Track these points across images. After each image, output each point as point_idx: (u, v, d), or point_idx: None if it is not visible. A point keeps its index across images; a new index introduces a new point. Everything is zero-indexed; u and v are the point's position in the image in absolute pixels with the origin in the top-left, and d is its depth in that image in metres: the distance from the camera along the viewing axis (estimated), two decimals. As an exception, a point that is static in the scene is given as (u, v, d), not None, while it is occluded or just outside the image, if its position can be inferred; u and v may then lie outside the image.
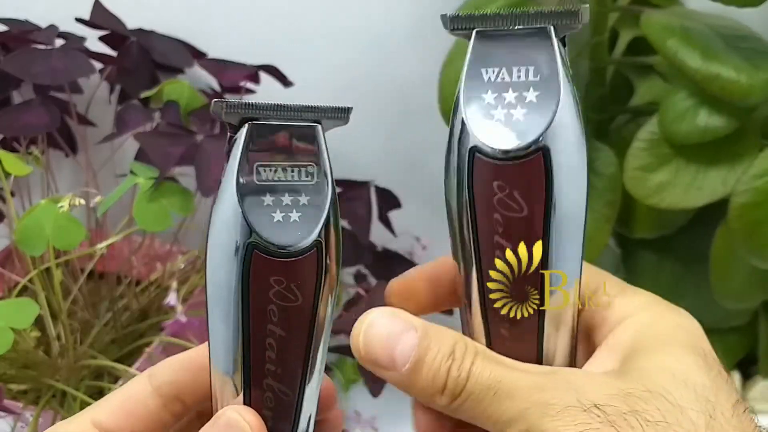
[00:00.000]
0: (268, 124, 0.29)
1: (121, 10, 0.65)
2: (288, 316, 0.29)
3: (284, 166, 0.29)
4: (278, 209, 0.29)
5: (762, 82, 0.51)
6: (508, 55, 0.29)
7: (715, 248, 0.57)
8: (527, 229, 0.29)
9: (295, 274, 0.29)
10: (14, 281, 0.59)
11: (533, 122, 0.28)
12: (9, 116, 0.61)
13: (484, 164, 0.29)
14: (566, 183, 0.29)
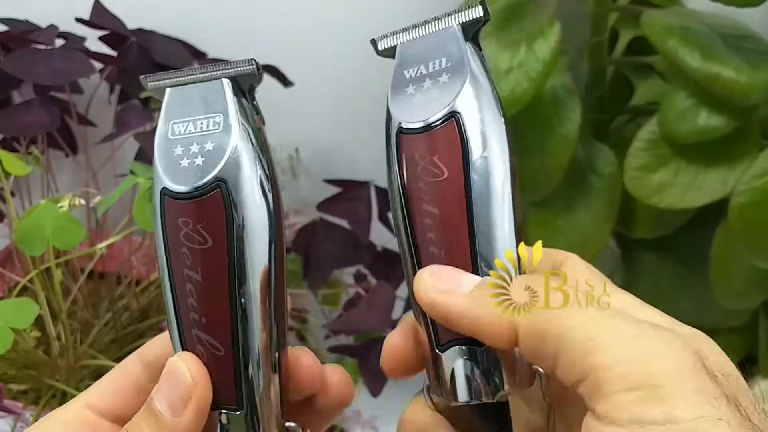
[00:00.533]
0: (181, 87, 0.32)
1: (121, 10, 0.65)
2: (201, 259, 0.30)
3: (194, 121, 0.31)
4: (186, 157, 0.30)
5: (762, 82, 0.51)
6: (425, 56, 0.32)
7: (715, 248, 0.57)
8: (450, 192, 0.31)
9: (199, 216, 0.30)
10: (14, 281, 0.59)
11: (446, 95, 0.31)
12: (9, 116, 0.61)
13: (408, 140, 0.31)
14: (483, 142, 0.31)
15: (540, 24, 0.53)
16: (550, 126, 0.55)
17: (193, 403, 0.30)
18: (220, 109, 0.31)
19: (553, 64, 0.53)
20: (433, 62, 0.32)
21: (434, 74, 0.32)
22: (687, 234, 0.60)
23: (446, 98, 0.31)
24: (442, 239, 0.31)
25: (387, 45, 0.34)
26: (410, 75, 0.32)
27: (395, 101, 0.32)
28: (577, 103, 0.55)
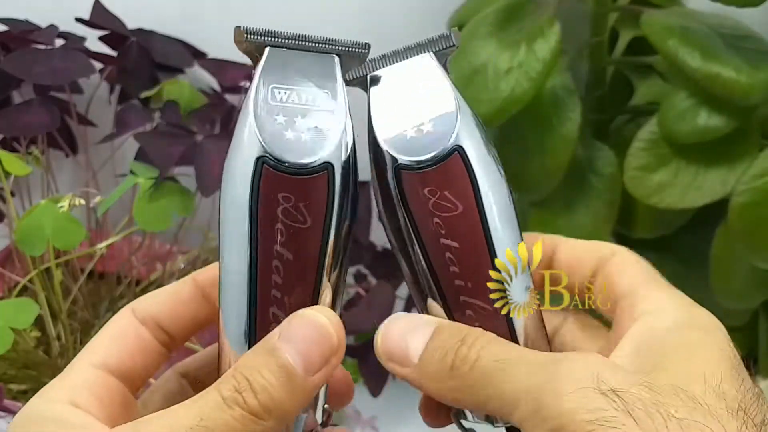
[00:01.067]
0: (287, 51, 0.31)
1: (121, 10, 0.65)
2: (296, 238, 0.29)
3: (299, 91, 0.30)
4: (290, 129, 0.29)
5: (762, 82, 0.51)
6: (403, 86, 0.32)
7: (715, 248, 0.57)
8: (468, 225, 0.31)
9: (303, 193, 0.29)
10: (14, 281, 0.59)
11: (443, 129, 0.31)
12: (9, 116, 0.61)
13: (411, 177, 0.31)
14: (486, 172, 0.31)
15: (540, 24, 0.54)
16: (550, 126, 0.56)
17: (330, 365, 0.28)
18: (328, 87, 0.30)
19: (553, 64, 0.53)
20: (414, 93, 0.32)
21: (420, 105, 0.31)
22: (687, 234, 0.60)
23: (443, 132, 0.31)
24: (467, 271, 0.31)
25: (357, 76, 0.32)
26: (393, 106, 0.31)
27: (385, 134, 0.31)
28: (577, 103, 0.55)
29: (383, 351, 0.31)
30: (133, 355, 0.32)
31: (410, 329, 0.31)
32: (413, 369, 0.30)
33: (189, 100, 0.62)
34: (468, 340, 0.29)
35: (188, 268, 0.66)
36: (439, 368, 0.29)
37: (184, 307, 0.33)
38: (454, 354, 0.29)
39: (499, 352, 0.29)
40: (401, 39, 0.33)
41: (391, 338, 0.31)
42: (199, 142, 0.57)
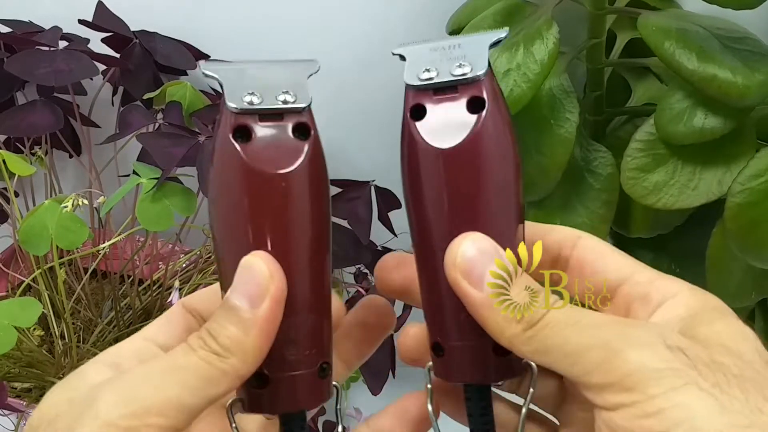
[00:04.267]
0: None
1: (124, 12, 0.65)
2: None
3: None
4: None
5: (758, 83, 0.52)
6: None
7: (711, 248, 0.57)
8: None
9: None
10: (18, 280, 0.60)
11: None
12: (13, 117, 0.61)
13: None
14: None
15: (538, 26, 0.54)
16: (548, 127, 0.56)
17: (270, 296, 0.30)
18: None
19: (550, 66, 0.53)
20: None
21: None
22: (683, 234, 0.61)
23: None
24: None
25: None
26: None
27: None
28: (574, 104, 0.56)
29: (461, 264, 0.31)
30: (181, 336, 0.33)
31: (489, 253, 0.31)
32: (484, 296, 0.30)
33: (191, 102, 0.63)
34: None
35: (190, 267, 0.66)
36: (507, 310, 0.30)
37: None
38: (528, 299, 0.30)
39: (571, 309, 0.30)
40: (399, 39, 0.34)
41: (471, 255, 0.31)
42: (202, 143, 0.58)
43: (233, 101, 0.30)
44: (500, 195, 0.32)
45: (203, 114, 0.62)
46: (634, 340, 0.28)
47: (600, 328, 0.29)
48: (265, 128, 0.31)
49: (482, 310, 0.31)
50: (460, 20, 0.60)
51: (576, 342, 0.29)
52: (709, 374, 0.27)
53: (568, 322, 0.29)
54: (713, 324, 0.29)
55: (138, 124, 0.61)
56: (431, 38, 0.33)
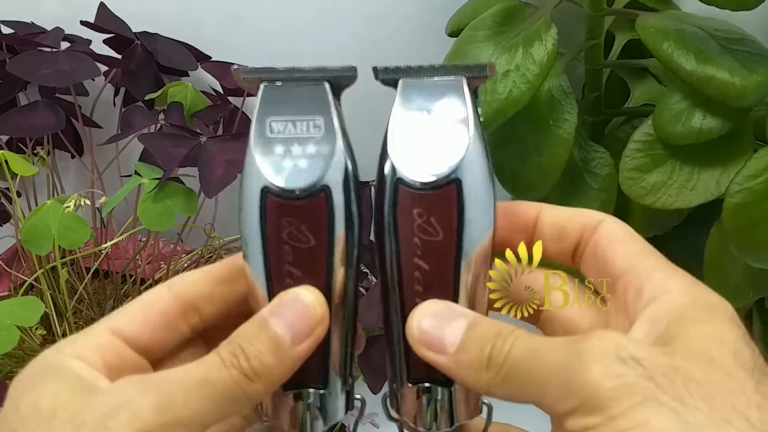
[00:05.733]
0: (279, 85, 0.32)
1: (125, 13, 0.65)
2: (303, 257, 0.32)
3: (294, 121, 0.32)
4: (288, 158, 0.31)
5: (756, 84, 0.52)
6: (428, 101, 0.33)
7: (709, 248, 0.57)
8: (442, 253, 0.32)
9: (304, 216, 0.31)
10: (20, 280, 0.60)
11: (447, 158, 0.32)
12: (15, 118, 0.61)
13: (406, 194, 0.32)
14: (475, 211, 0.32)
15: (537, 27, 0.54)
16: (546, 128, 0.56)
17: (314, 337, 0.31)
18: (321, 113, 0.32)
19: (549, 67, 0.53)
20: (436, 111, 0.32)
21: (438, 124, 0.32)
22: (681, 234, 0.61)
23: (448, 160, 0.31)
24: (428, 293, 0.32)
25: (389, 76, 0.33)
26: (412, 119, 0.32)
27: (394, 143, 0.32)
28: (573, 105, 0.56)
29: (420, 337, 0.31)
30: (154, 331, 0.33)
31: (445, 318, 0.31)
32: (449, 358, 0.31)
33: (193, 102, 0.63)
34: (504, 333, 0.30)
35: (192, 267, 0.66)
36: (476, 359, 0.30)
37: (219, 285, 0.34)
38: (491, 346, 0.30)
39: (528, 341, 0.30)
40: (401, 42, 0.34)
41: (426, 326, 0.32)
42: (203, 144, 0.58)
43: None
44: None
45: (204, 115, 0.62)
46: (587, 358, 0.27)
47: (556, 354, 0.28)
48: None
49: (452, 371, 0.31)
50: (459, 22, 0.60)
51: (538, 372, 0.29)
52: (669, 385, 0.26)
53: (528, 355, 0.29)
54: (694, 325, 0.29)
55: (140, 125, 0.61)
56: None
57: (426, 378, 0.34)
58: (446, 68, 0.33)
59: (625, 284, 0.33)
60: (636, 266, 0.33)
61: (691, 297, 0.31)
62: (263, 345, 0.30)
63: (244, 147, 0.32)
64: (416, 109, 0.33)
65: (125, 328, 0.32)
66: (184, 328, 0.34)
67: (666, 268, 0.32)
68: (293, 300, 0.31)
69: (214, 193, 0.56)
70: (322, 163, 0.31)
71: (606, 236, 0.34)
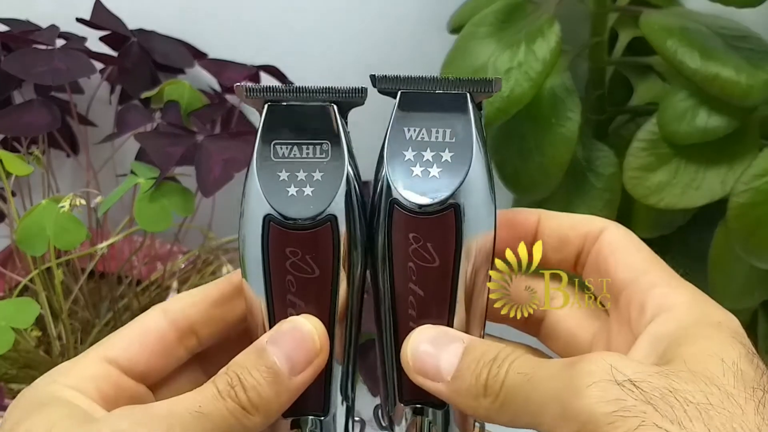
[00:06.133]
0: (285, 105, 0.31)
1: (121, 10, 0.65)
2: (306, 288, 0.30)
3: (299, 144, 0.30)
4: (293, 184, 0.30)
5: (761, 82, 0.51)
6: (428, 117, 0.31)
7: (714, 248, 0.57)
8: (438, 279, 0.31)
9: (309, 246, 0.30)
10: (15, 281, 0.59)
11: (447, 180, 0.30)
12: (10, 116, 0.61)
13: (401, 216, 0.30)
14: (474, 237, 0.31)
15: (540, 24, 0.54)
16: (549, 126, 0.56)
17: (313, 367, 0.30)
18: (327, 137, 0.30)
19: (552, 65, 0.53)
20: (437, 130, 0.31)
21: (436, 145, 0.30)
22: (686, 234, 0.61)
23: (447, 185, 0.30)
24: (422, 318, 0.32)
25: (389, 86, 0.32)
26: (411, 135, 0.31)
27: (392, 162, 0.31)
28: (576, 103, 0.56)
29: (414, 366, 0.31)
30: (151, 357, 0.32)
31: (440, 344, 0.31)
32: (446, 385, 0.30)
33: (189, 101, 0.62)
34: (499, 358, 0.30)
35: (189, 267, 0.66)
36: (472, 386, 0.30)
37: (216, 307, 0.34)
38: (487, 373, 0.29)
39: (523, 366, 0.29)
40: (402, 38, 0.33)
41: (421, 353, 0.31)
42: (200, 143, 0.57)
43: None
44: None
45: (201, 113, 0.62)
46: (582, 383, 0.26)
47: (551, 379, 0.28)
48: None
49: (449, 398, 0.31)
50: (461, 18, 0.60)
51: (535, 399, 0.28)
52: (667, 408, 0.25)
53: (525, 381, 0.28)
54: (695, 344, 0.28)
55: (136, 124, 0.61)
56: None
57: (419, 399, 0.33)
58: (449, 81, 0.31)
59: (628, 297, 0.32)
60: (639, 279, 0.32)
61: (694, 314, 0.30)
62: (261, 375, 0.29)
63: (243, 147, 0.31)
64: (416, 125, 0.31)
65: (121, 357, 0.32)
66: (182, 352, 0.33)
67: (670, 282, 0.32)
68: (291, 329, 0.30)
69: (212, 192, 0.56)
70: (328, 190, 0.30)
71: (608, 245, 0.34)
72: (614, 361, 0.27)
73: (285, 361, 0.30)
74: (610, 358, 0.27)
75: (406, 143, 0.31)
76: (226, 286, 0.34)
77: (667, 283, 0.32)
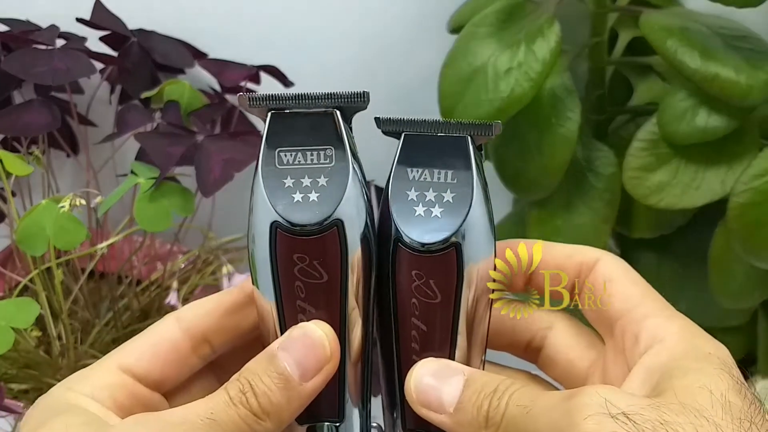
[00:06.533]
0: (288, 113, 0.31)
1: (121, 10, 0.65)
2: (315, 293, 0.31)
3: (304, 151, 0.31)
4: (298, 190, 0.30)
5: (761, 82, 0.51)
6: (431, 158, 0.32)
7: (714, 248, 0.57)
8: (440, 315, 0.32)
9: (316, 252, 0.30)
10: (15, 281, 0.59)
11: (448, 220, 0.31)
12: (10, 116, 0.61)
13: (405, 254, 0.31)
14: (475, 273, 0.31)
15: (539, 24, 0.54)
16: (549, 126, 0.56)
17: (324, 373, 0.31)
18: (331, 142, 0.31)
19: (552, 65, 0.53)
20: (438, 172, 0.32)
21: (438, 186, 0.31)
22: (686, 234, 0.61)
23: (449, 224, 0.31)
24: (425, 351, 0.32)
25: (393, 128, 0.33)
26: (414, 176, 0.32)
27: (396, 201, 0.32)
28: (576, 103, 0.56)
29: (417, 399, 0.32)
30: (165, 366, 0.33)
31: (442, 377, 0.32)
32: (448, 417, 0.31)
33: (189, 100, 0.62)
34: (499, 390, 0.30)
35: (189, 267, 0.66)
36: (474, 418, 0.30)
37: (230, 316, 0.34)
38: (488, 405, 0.30)
39: (523, 398, 0.30)
40: (399, 39, 0.33)
41: (424, 386, 0.32)
42: (200, 142, 0.57)
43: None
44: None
45: (202, 113, 0.62)
46: (578, 416, 0.27)
47: (549, 411, 0.29)
48: None
49: (452, 430, 0.31)
50: (461, 18, 0.60)
51: (534, 431, 0.29)
52: None
53: (524, 413, 0.29)
54: (685, 377, 0.29)
55: (136, 124, 0.61)
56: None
57: (422, 429, 0.34)
58: (451, 125, 0.32)
59: (623, 328, 0.33)
60: (632, 311, 0.33)
61: (685, 346, 0.31)
62: (272, 381, 0.30)
63: (243, 147, 0.31)
64: (418, 166, 0.32)
65: (135, 365, 0.32)
66: (195, 361, 0.34)
67: (662, 312, 0.33)
68: (302, 336, 0.31)
69: (211, 192, 0.56)
70: (333, 195, 0.30)
71: (602, 276, 0.35)
72: (608, 394, 0.28)
73: (296, 367, 0.30)
74: (605, 392, 0.28)
75: (409, 183, 0.32)
76: (238, 294, 0.34)
77: (659, 313, 0.33)
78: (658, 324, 0.32)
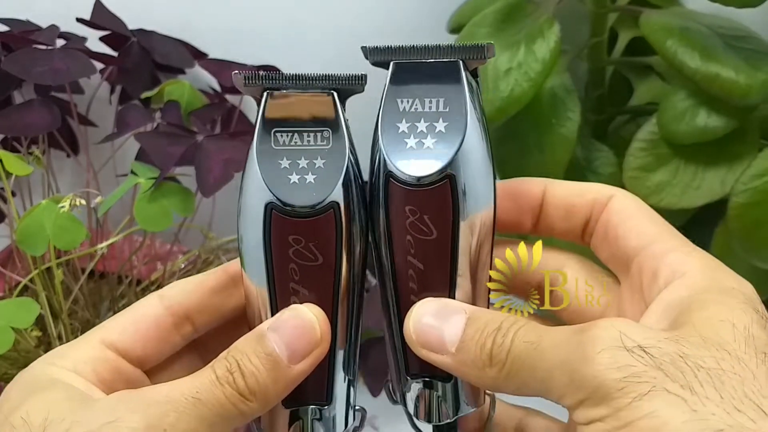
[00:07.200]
0: (284, 93, 0.31)
1: (122, 10, 0.65)
2: (309, 275, 0.30)
3: (300, 132, 0.30)
4: (294, 172, 0.30)
5: (761, 82, 0.51)
6: (421, 87, 0.30)
7: (714, 248, 0.57)
8: (437, 251, 0.31)
9: (312, 234, 0.30)
10: (15, 281, 0.59)
11: (441, 151, 0.30)
12: (10, 116, 0.61)
13: (397, 189, 0.30)
14: (472, 208, 0.30)
15: (539, 24, 0.54)
16: (549, 126, 0.56)
17: (312, 357, 0.30)
18: (328, 124, 0.30)
19: (552, 65, 0.53)
20: (430, 100, 0.30)
21: (430, 116, 0.30)
22: (686, 234, 0.60)
23: (442, 155, 0.30)
24: (424, 291, 0.31)
25: (380, 58, 0.32)
26: (404, 107, 0.31)
27: (386, 135, 0.30)
28: (576, 103, 0.56)
29: (417, 340, 0.31)
30: (147, 342, 0.32)
31: (442, 316, 0.31)
32: (450, 357, 0.30)
33: (190, 100, 0.62)
34: (504, 327, 0.29)
35: (189, 267, 0.66)
36: (477, 357, 0.29)
37: (212, 296, 0.34)
38: (492, 342, 0.29)
39: (529, 334, 0.29)
40: (399, 39, 0.33)
41: (424, 325, 0.31)
42: (200, 142, 0.57)
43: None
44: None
45: (202, 113, 0.62)
46: (591, 350, 0.26)
47: (559, 346, 0.28)
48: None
49: (455, 370, 0.30)
50: (461, 18, 0.60)
51: (542, 367, 0.28)
52: (677, 374, 0.25)
53: (531, 349, 0.28)
54: (706, 310, 0.28)
55: (136, 124, 0.61)
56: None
57: (426, 373, 0.33)
58: (441, 49, 0.31)
59: (640, 265, 0.32)
60: (650, 246, 0.32)
61: (707, 280, 0.30)
62: (260, 362, 0.29)
63: (243, 147, 0.31)
64: (409, 95, 0.31)
65: (118, 341, 0.32)
66: (177, 339, 0.33)
67: (682, 248, 0.31)
68: (293, 317, 0.30)
69: (211, 192, 0.56)
70: (330, 177, 0.30)
71: (617, 213, 0.33)
72: (623, 327, 0.27)
73: (285, 348, 0.30)
74: (619, 324, 0.27)
75: (399, 115, 0.30)
76: (222, 275, 0.34)
77: (679, 249, 0.31)
78: (678, 259, 0.31)
